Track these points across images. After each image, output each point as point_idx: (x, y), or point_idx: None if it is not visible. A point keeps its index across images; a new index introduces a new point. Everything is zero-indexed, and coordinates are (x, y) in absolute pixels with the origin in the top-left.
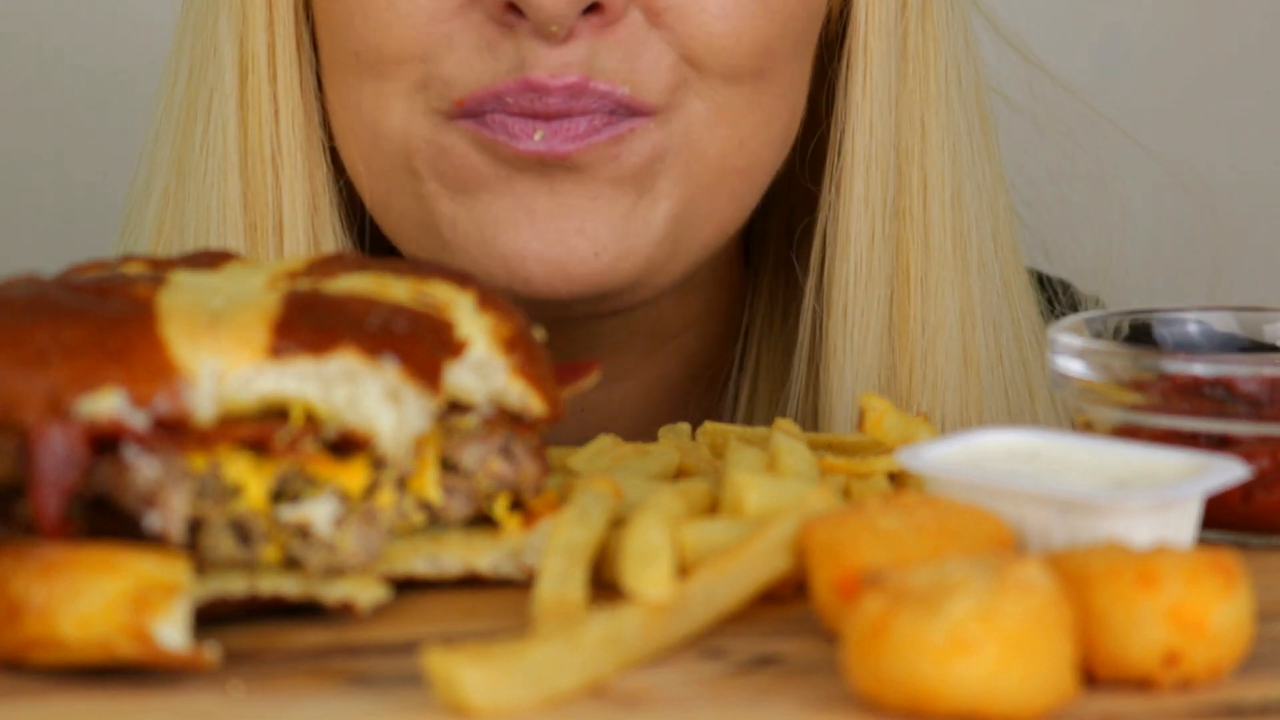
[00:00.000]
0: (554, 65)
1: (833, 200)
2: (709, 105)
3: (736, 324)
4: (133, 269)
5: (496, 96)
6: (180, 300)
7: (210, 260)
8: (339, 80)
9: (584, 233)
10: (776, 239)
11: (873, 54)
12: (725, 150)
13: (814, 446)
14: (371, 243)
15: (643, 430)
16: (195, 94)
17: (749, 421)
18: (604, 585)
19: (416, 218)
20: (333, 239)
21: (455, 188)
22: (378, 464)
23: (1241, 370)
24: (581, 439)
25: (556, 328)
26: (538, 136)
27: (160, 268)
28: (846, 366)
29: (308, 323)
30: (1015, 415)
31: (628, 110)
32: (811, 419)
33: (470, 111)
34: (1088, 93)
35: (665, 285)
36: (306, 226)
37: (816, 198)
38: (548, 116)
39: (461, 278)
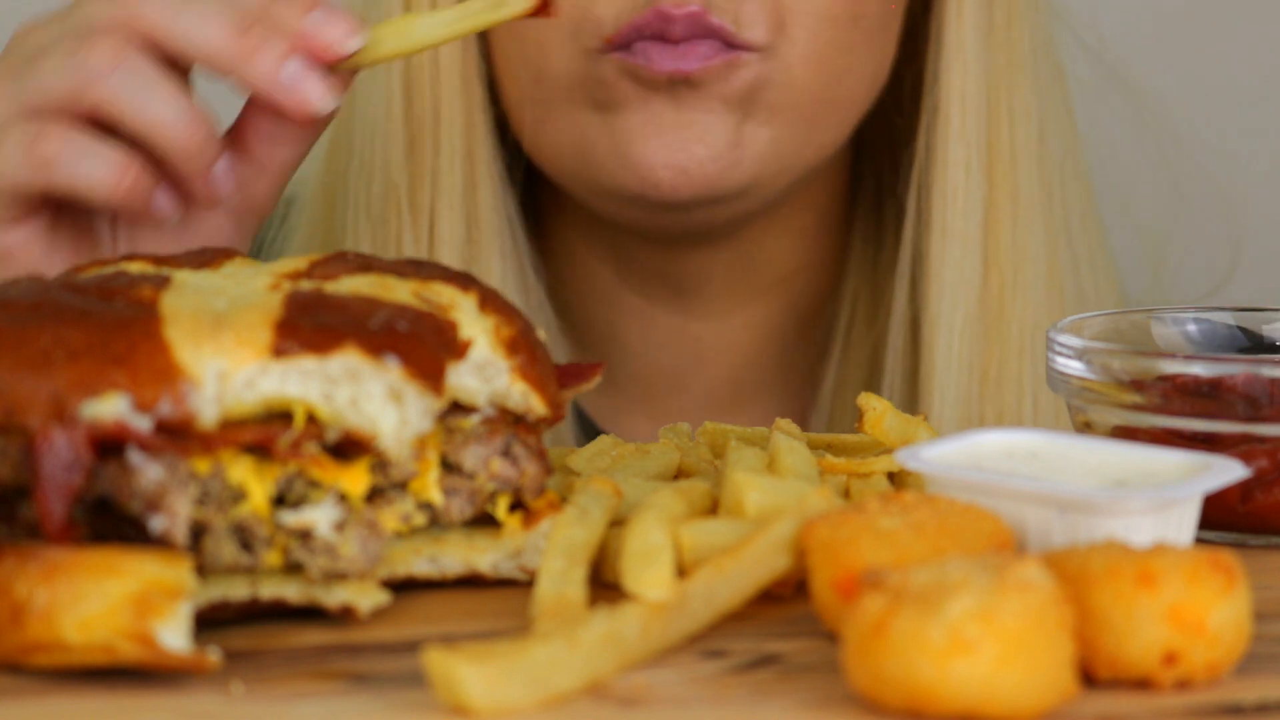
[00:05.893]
0: None
1: (929, 132)
2: (805, 45)
3: (840, 277)
4: (135, 268)
5: (637, 29)
6: (184, 302)
7: (211, 258)
8: (507, 30)
9: (703, 141)
10: (872, 191)
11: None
12: (821, 84)
13: (814, 446)
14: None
15: (750, 368)
16: None
17: (848, 354)
18: (604, 585)
19: (565, 141)
20: (486, 154)
21: (603, 108)
22: (380, 467)
23: (1241, 370)
24: (697, 372)
25: (676, 257)
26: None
27: (162, 266)
28: (945, 284)
29: (310, 322)
30: None
31: (735, 45)
32: (912, 351)
33: (617, 45)
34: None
35: (772, 196)
36: (464, 146)
37: (910, 156)
38: (675, 41)
39: (464, 279)
